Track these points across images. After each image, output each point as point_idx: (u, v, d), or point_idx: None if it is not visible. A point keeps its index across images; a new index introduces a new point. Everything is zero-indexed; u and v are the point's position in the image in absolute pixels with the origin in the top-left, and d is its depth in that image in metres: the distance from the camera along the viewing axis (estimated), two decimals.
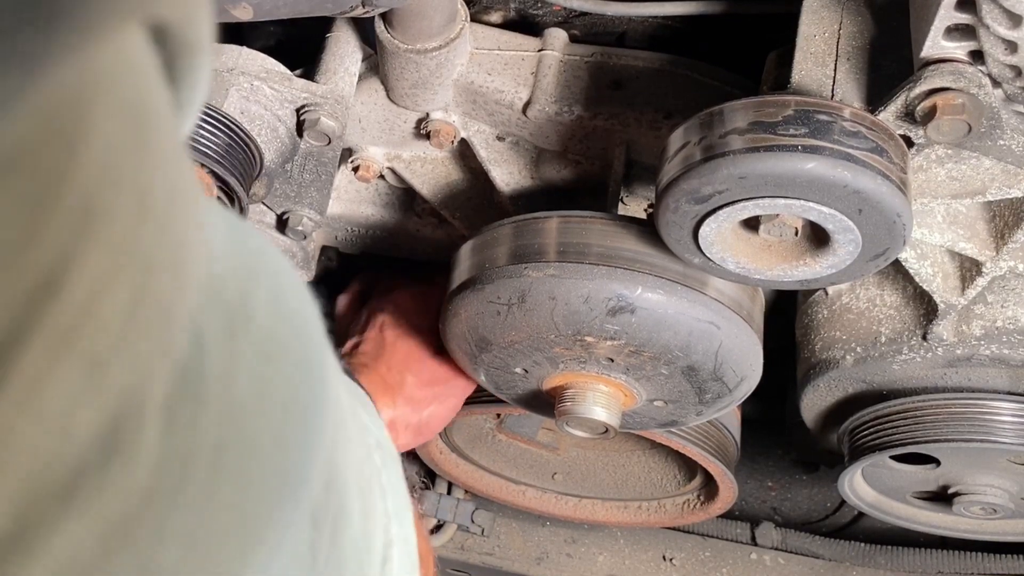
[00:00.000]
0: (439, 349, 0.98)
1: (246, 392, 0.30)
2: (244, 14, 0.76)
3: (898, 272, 0.86)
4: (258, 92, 0.88)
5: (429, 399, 0.98)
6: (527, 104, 0.93)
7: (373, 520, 0.45)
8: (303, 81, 0.91)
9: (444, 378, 0.99)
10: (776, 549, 1.29)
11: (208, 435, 0.28)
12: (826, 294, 0.92)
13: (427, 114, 0.97)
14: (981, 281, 0.80)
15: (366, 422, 0.50)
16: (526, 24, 0.99)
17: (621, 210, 0.93)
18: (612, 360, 0.82)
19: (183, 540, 0.27)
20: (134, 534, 0.25)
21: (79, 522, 0.23)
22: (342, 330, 1.10)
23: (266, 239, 0.37)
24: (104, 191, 0.22)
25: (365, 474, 0.45)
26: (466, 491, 1.30)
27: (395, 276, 1.11)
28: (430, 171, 1.05)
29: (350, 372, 0.95)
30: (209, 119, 0.80)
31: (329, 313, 1.16)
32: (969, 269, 0.81)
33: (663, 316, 0.76)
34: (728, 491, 1.10)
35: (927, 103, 0.66)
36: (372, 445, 0.48)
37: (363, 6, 0.81)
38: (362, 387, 0.92)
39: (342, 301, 1.15)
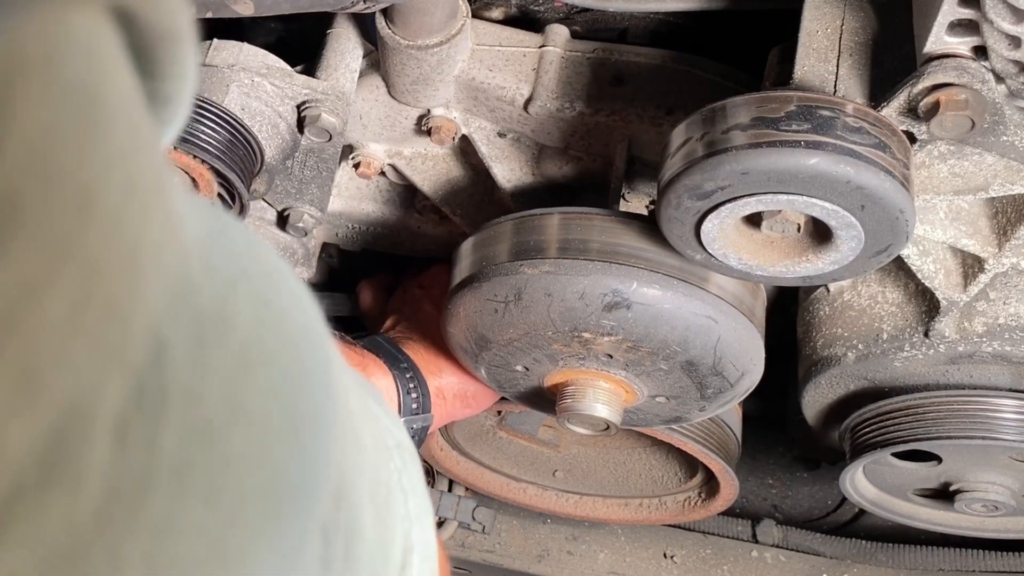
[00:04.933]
0: None
1: (218, 407, 0.27)
2: (245, 9, 0.76)
3: (900, 269, 0.86)
4: (259, 88, 0.88)
5: None
6: (528, 100, 0.92)
7: (391, 528, 0.44)
8: (304, 77, 0.91)
9: None
10: (777, 547, 1.29)
11: (170, 454, 0.25)
12: (827, 291, 0.91)
13: (428, 110, 0.97)
14: (983, 278, 0.80)
15: (386, 423, 0.48)
16: (527, 20, 0.99)
17: (623, 206, 0.93)
18: (611, 356, 0.82)
19: (143, 569, 0.24)
20: (83, 563, 0.22)
21: (16, 552, 0.21)
22: (371, 316, 1.10)
23: (258, 239, 0.35)
24: (33, 185, 0.20)
25: (382, 479, 0.44)
26: (467, 488, 1.30)
27: (427, 262, 1.11)
28: (431, 168, 1.05)
29: (396, 344, 0.95)
30: (210, 115, 0.80)
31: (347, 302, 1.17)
32: (971, 266, 0.81)
33: (659, 311, 0.76)
34: (729, 488, 1.10)
35: (930, 99, 0.65)
36: (391, 446, 0.46)
37: (364, 2, 0.81)
38: (408, 357, 0.92)
39: (366, 291, 1.15)
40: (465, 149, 1.03)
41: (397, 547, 0.44)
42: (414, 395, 0.91)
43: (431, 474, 1.31)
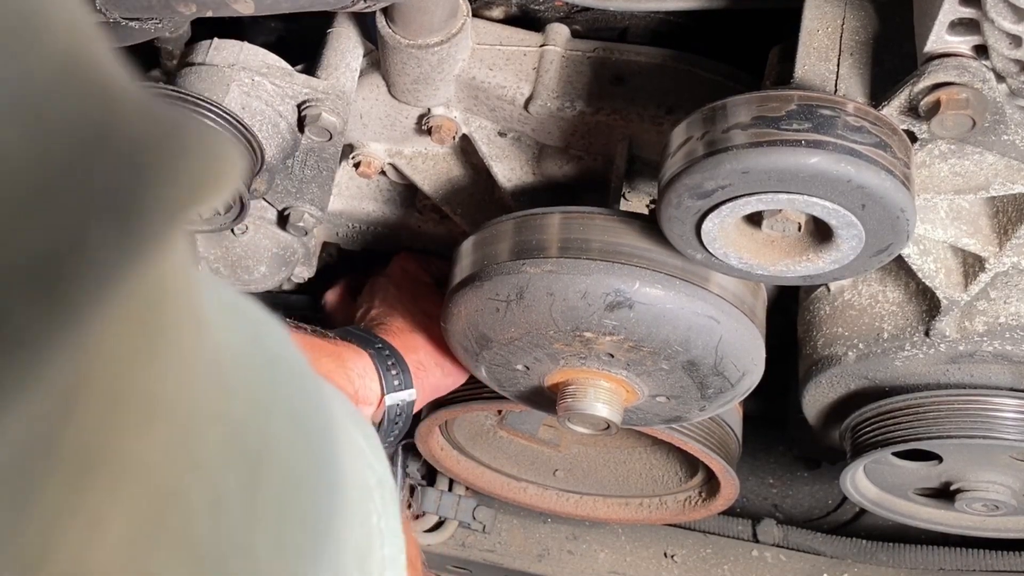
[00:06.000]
0: None
1: (267, 553, 0.28)
2: (245, 8, 0.76)
3: (900, 268, 0.86)
4: (259, 88, 0.88)
5: None
6: (529, 100, 0.92)
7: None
8: (304, 77, 0.91)
9: None
10: (778, 546, 1.29)
11: None
12: (828, 290, 0.91)
13: (428, 110, 0.97)
14: (984, 277, 0.80)
15: (369, 458, 0.48)
16: (528, 19, 0.99)
17: (623, 206, 0.93)
18: (612, 356, 0.82)
19: None
20: None
21: None
22: (337, 320, 1.11)
23: (281, 330, 0.36)
24: (105, 429, 0.21)
25: (364, 532, 0.44)
26: (467, 488, 1.29)
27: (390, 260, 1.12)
28: (431, 167, 1.05)
29: (370, 332, 0.95)
30: (210, 114, 0.80)
31: (319, 307, 1.17)
32: (972, 265, 0.81)
33: (661, 311, 0.76)
34: (730, 488, 1.10)
35: (931, 98, 0.65)
36: (372, 486, 0.47)
37: (364, 1, 0.81)
38: (382, 339, 0.92)
39: (331, 295, 1.16)
40: (465, 148, 1.03)
41: None
42: (394, 371, 0.92)
43: (431, 473, 1.31)
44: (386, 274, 1.07)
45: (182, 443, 0.25)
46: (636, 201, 0.97)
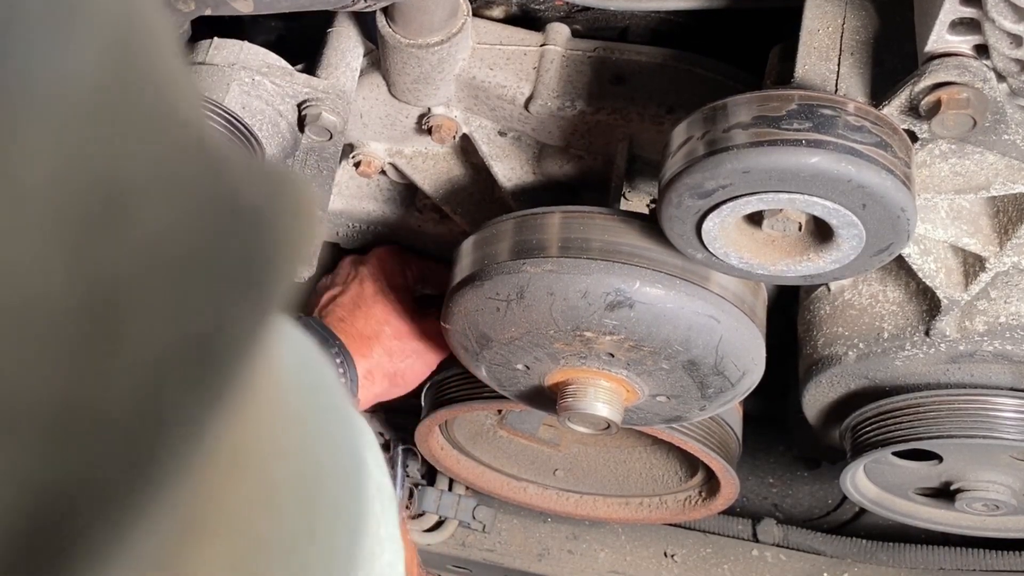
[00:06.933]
0: (417, 308, 1.02)
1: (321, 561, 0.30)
2: (245, 7, 0.76)
3: (901, 268, 0.86)
4: (259, 87, 0.88)
5: (407, 352, 0.99)
6: (529, 99, 0.92)
7: None
8: (304, 76, 0.91)
9: (422, 334, 1.01)
10: (778, 546, 1.29)
11: None
12: (828, 290, 0.91)
13: (429, 109, 0.97)
14: (984, 277, 0.80)
15: (370, 467, 0.49)
16: (528, 19, 0.99)
17: (623, 205, 0.93)
18: (613, 355, 0.82)
19: None
20: None
21: None
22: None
23: (315, 346, 0.36)
24: (210, 481, 0.22)
25: (369, 543, 0.45)
26: (467, 487, 1.29)
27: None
28: (432, 167, 1.05)
29: (327, 326, 0.96)
30: (210, 114, 0.80)
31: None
32: (972, 265, 0.81)
33: (662, 310, 0.76)
34: (730, 487, 1.10)
35: (931, 97, 0.65)
36: (372, 496, 0.48)
37: (364, 0, 0.81)
38: (338, 340, 0.93)
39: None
40: (466, 148, 1.03)
41: None
42: (342, 380, 0.92)
43: (431, 473, 1.31)
44: (367, 263, 1.07)
45: (261, 487, 0.25)
46: (636, 201, 0.97)
